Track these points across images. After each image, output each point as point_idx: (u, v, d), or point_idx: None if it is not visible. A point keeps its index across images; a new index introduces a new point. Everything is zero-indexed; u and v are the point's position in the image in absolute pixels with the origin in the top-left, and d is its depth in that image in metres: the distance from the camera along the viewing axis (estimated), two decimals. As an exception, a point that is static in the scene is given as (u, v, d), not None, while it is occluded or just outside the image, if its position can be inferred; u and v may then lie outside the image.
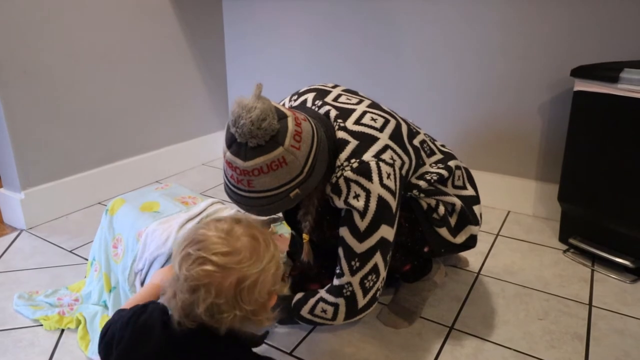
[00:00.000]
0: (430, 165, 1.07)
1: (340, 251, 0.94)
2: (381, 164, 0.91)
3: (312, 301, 0.98)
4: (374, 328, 1.13)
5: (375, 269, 0.93)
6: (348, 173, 0.91)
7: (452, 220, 1.09)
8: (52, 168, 1.70)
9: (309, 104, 1.05)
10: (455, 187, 1.12)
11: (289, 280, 1.21)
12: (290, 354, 1.06)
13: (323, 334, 1.11)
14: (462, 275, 1.35)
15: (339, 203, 0.93)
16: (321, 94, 1.07)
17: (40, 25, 1.58)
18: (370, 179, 0.90)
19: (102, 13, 1.75)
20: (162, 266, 1.09)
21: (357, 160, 0.91)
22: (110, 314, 1.14)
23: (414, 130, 1.08)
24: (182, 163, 2.20)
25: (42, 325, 1.14)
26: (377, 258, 0.93)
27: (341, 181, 0.91)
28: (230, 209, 1.22)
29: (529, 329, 1.13)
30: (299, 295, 1.02)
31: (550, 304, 1.23)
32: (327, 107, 1.01)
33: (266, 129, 0.78)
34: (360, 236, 0.91)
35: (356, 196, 0.90)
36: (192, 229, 0.70)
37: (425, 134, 1.13)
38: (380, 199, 0.90)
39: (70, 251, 1.49)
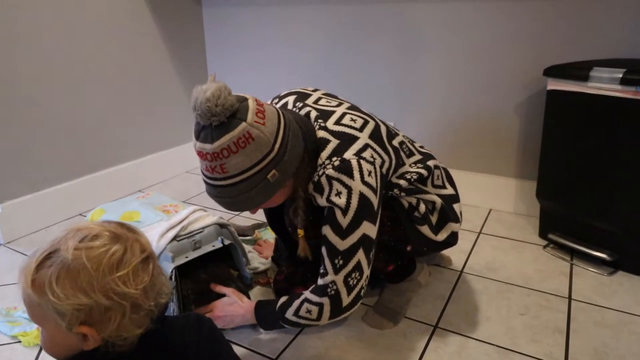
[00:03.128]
0: (409, 165, 1.09)
1: (324, 250, 0.95)
2: (362, 161, 0.93)
3: (296, 303, 0.99)
4: (360, 330, 1.14)
5: (358, 267, 0.94)
6: (330, 171, 0.92)
7: (433, 219, 1.11)
8: (30, 180, 1.67)
9: (289, 106, 1.08)
10: (435, 186, 1.14)
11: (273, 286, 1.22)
12: (275, 359, 1.06)
13: (309, 339, 1.11)
14: (445, 274, 1.37)
15: (321, 201, 0.94)
16: (302, 96, 1.09)
17: (17, 36, 1.56)
18: (351, 176, 0.91)
19: (80, 23, 1.73)
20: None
21: (339, 159, 0.93)
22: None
23: (393, 132, 1.10)
24: (165, 171, 2.18)
25: (20, 341, 1.12)
26: (360, 255, 0.94)
27: (323, 179, 0.93)
28: (212, 216, 1.22)
29: (511, 324, 1.15)
30: (283, 299, 1.02)
31: (531, 299, 1.25)
32: (307, 109, 1.03)
33: (223, 104, 0.81)
34: (343, 233, 0.92)
35: (338, 193, 0.91)
36: (78, 261, 0.58)
37: (404, 136, 1.15)
38: (362, 196, 0.91)
39: (51, 264, 1.47)
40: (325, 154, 0.95)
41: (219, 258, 1.21)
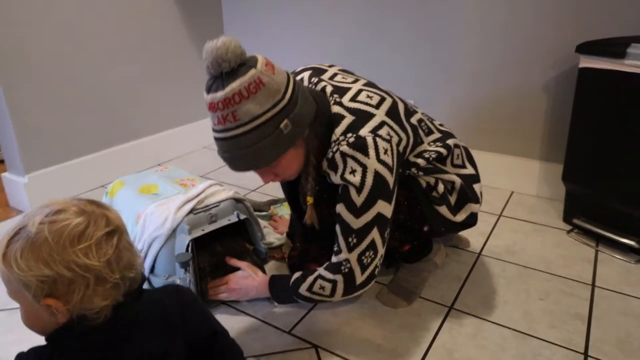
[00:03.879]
0: (428, 143, 1.06)
1: (338, 228, 0.94)
2: (378, 139, 0.91)
3: (310, 279, 0.98)
4: (373, 308, 1.13)
5: (372, 245, 0.93)
6: (344, 147, 0.90)
7: (452, 199, 1.08)
8: (54, 152, 1.71)
9: (305, 82, 1.06)
10: (454, 165, 1.11)
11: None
12: (288, 332, 1.06)
13: (322, 314, 1.12)
14: (462, 256, 1.34)
15: (336, 179, 0.93)
16: (317, 72, 1.08)
17: (39, 12, 1.57)
18: (366, 154, 0.89)
19: (100, -5, 1.73)
20: (161, 248, 1.10)
21: (354, 135, 0.91)
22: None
23: (411, 110, 1.07)
24: (183, 146, 2.20)
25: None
26: (375, 234, 0.92)
27: (337, 156, 0.91)
28: (229, 191, 1.22)
29: (530, 308, 1.13)
30: (297, 274, 1.02)
31: (552, 285, 1.22)
32: (323, 84, 1.02)
33: (234, 51, 0.83)
34: (357, 212, 0.91)
35: (352, 171, 0.90)
36: (40, 234, 0.59)
37: (423, 113, 1.12)
38: (377, 174, 0.89)
39: (73, 234, 1.50)
40: (339, 129, 0.93)
41: (235, 232, 1.21)
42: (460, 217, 1.08)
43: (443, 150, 1.05)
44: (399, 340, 1.03)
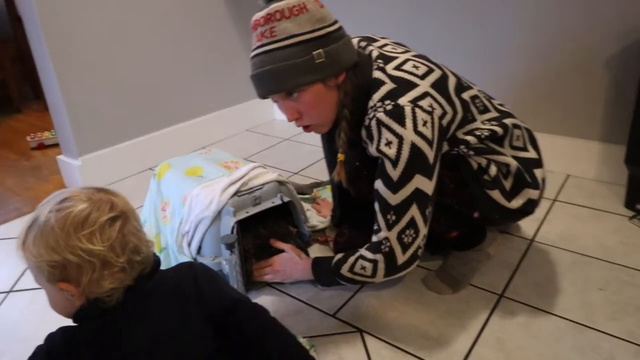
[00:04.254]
0: (482, 122, 1.00)
1: (376, 205, 0.92)
2: (417, 110, 0.86)
3: (351, 259, 0.97)
4: (419, 293, 1.11)
5: (412, 223, 0.89)
6: (380, 114, 0.87)
7: (507, 184, 1.01)
8: (104, 136, 1.77)
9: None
10: (513, 147, 1.03)
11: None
12: (333, 315, 1.06)
13: (366, 297, 1.10)
14: (513, 242, 1.29)
15: (372, 150, 0.90)
16: (368, 39, 1.05)
17: (89, 1, 1.61)
18: (403, 124, 0.85)
19: (145, -21, 1.75)
20: (207, 229, 1.12)
21: (392, 103, 0.88)
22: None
23: (465, 85, 1.01)
24: (226, 129, 2.22)
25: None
26: (414, 211, 0.89)
27: (373, 123, 0.88)
28: (272, 173, 1.22)
29: (588, 299, 1.06)
30: (339, 255, 1.01)
31: (612, 274, 1.14)
32: (370, 48, 0.99)
33: None
34: (394, 187, 0.87)
35: (388, 143, 0.86)
36: (48, 221, 0.62)
37: (479, 90, 1.05)
38: (414, 147, 0.85)
39: (124, 214, 1.56)
40: (377, 95, 0.89)
41: (278, 215, 1.21)
42: (515, 203, 1.00)
43: (498, 129, 0.99)
44: (447, 327, 1.00)
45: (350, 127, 0.95)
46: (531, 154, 1.06)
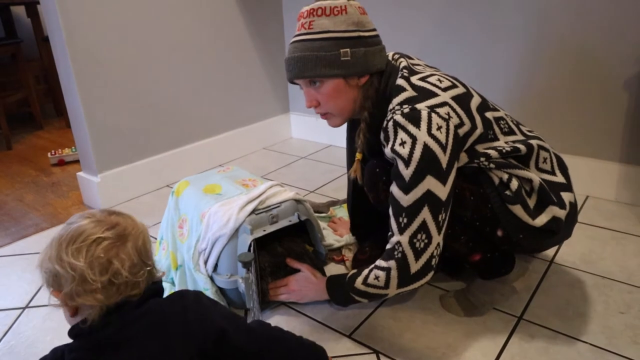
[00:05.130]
0: (505, 142, 1.00)
1: (390, 210, 0.92)
2: (434, 115, 0.89)
3: (365, 271, 0.97)
4: (437, 314, 1.10)
5: (424, 227, 0.89)
6: (398, 116, 0.90)
7: (531, 201, 0.98)
8: (124, 153, 1.80)
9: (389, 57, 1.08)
10: (540, 169, 1.02)
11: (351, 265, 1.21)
12: (349, 336, 1.05)
13: (383, 319, 1.09)
14: (533, 264, 1.27)
15: (388, 151, 0.92)
16: (404, 55, 1.09)
17: (112, 19, 1.66)
18: (418, 125, 0.88)
19: (168, 4, 1.81)
20: (224, 247, 1.12)
21: (409, 107, 0.91)
22: (176, 289, 1.19)
23: (491, 106, 1.03)
24: (244, 147, 2.25)
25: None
26: (426, 214, 0.88)
27: (390, 124, 0.91)
28: (289, 192, 1.22)
29: (609, 322, 1.04)
30: (353, 271, 1.00)
31: (634, 297, 1.12)
32: (401, 60, 1.03)
33: None
34: (405, 187, 0.89)
35: (402, 143, 0.89)
36: (58, 234, 0.68)
37: (507, 115, 1.06)
38: (426, 148, 0.87)
39: (142, 231, 1.58)
40: (397, 100, 0.94)
41: (295, 233, 1.22)
42: (539, 220, 0.97)
43: (522, 147, 0.98)
44: (464, 351, 0.99)
45: (370, 129, 1.00)
46: (559, 178, 1.04)
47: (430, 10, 1.78)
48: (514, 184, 0.96)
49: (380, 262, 0.94)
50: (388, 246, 0.93)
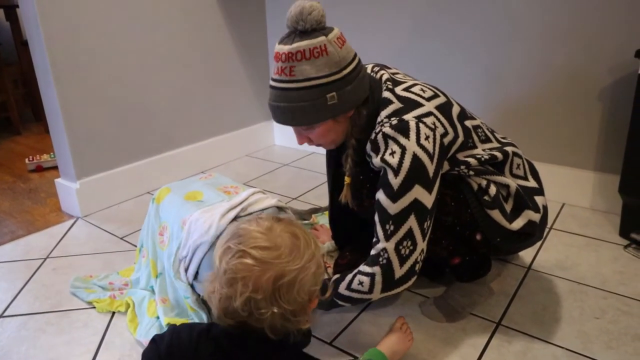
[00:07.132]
0: (482, 150, 1.03)
1: (376, 217, 0.93)
2: (421, 125, 0.91)
3: (349, 276, 0.97)
4: (417, 321, 1.10)
5: (410, 235, 0.91)
6: (387, 129, 0.92)
7: (508, 206, 1.02)
8: (104, 159, 1.78)
9: (367, 70, 1.08)
10: (513, 175, 1.06)
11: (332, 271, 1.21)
12: (330, 344, 1.05)
13: (364, 325, 1.10)
14: (510, 270, 1.29)
15: (376, 161, 0.93)
16: (382, 66, 1.11)
17: (93, 24, 1.65)
18: (407, 136, 0.90)
19: (150, 10, 1.80)
20: (205, 254, 1.12)
21: (397, 119, 0.93)
22: (156, 298, 1.18)
23: (469, 115, 1.06)
24: (226, 154, 2.24)
25: (95, 307, 1.20)
26: (412, 222, 0.90)
27: (379, 137, 0.93)
28: (272, 199, 1.22)
29: (584, 327, 1.07)
30: (336, 275, 1.01)
31: (608, 302, 1.15)
32: (382, 72, 1.05)
33: (315, 17, 0.89)
34: (394, 195, 0.90)
35: (392, 153, 0.90)
36: (235, 224, 0.71)
37: (482, 123, 1.10)
38: (415, 157, 0.89)
39: (121, 238, 1.56)
40: (385, 112, 0.95)
41: (277, 240, 1.21)
42: (516, 224, 1.01)
43: (498, 154, 1.02)
44: (444, 356, 1.00)
45: (357, 153, 1.01)
46: (531, 183, 1.08)
47: (407, 19, 1.81)
48: (492, 189, 1.00)
49: (364, 268, 0.95)
50: (373, 252, 0.94)
